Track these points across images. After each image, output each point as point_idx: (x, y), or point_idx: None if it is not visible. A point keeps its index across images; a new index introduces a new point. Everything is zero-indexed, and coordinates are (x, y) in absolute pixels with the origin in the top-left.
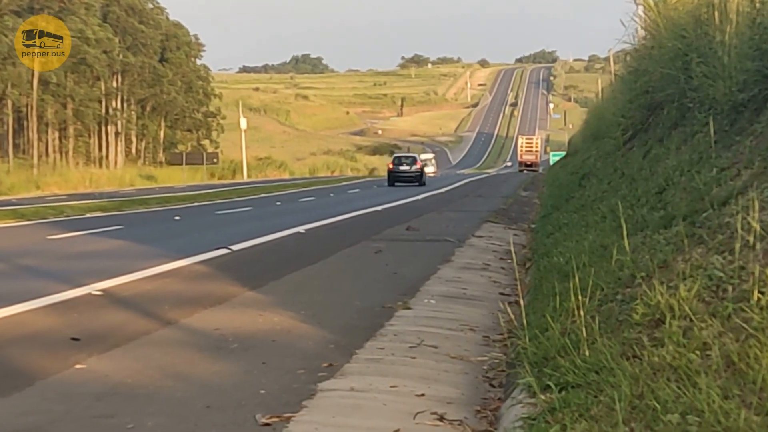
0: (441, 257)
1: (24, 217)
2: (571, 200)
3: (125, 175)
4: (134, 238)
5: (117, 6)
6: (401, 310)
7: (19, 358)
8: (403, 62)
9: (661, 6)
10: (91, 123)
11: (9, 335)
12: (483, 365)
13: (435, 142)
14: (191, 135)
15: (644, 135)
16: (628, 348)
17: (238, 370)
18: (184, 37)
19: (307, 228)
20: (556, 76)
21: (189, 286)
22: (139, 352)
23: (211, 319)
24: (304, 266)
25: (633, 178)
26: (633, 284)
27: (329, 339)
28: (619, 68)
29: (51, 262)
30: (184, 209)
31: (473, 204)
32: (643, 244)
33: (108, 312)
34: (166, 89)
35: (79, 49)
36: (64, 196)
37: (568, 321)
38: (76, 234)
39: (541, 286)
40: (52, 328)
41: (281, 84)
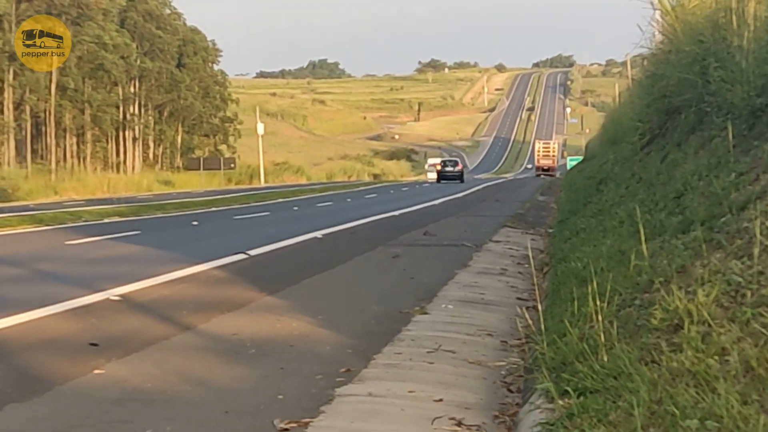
0: (458, 262)
1: (42, 222)
2: (588, 205)
3: (143, 180)
4: (152, 243)
5: (134, 12)
6: (419, 315)
7: (38, 363)
8: (420, 67)
9: (678, 10)
10: (108, 128)
11: (28, 340)
12: (501, 370)
13: (452, 146)
14: (208, 140)
15: (662, 140)
16: (646, 353)
17: (256, 375)
18: (201, 43)
19: (325, 233)
20: (573, 81)
21: (207, 291)
22: (157, 357)
23: (229, 324)
24: (321, 271)
25: (651, 183)
26: (651, 289)
27: (347, 344)
28: (637, 73)
29: (69, 267)
30: (202, 214)
31: (491, 208)
32: (662, 248)
33: (126, 317)
34: (183, 94)
35: (97, 54)
36: (82, 202)
37: (587, 326)
38: (95, 239)
39: (559, 291)
40: (70, 334)
41: (298, 89)
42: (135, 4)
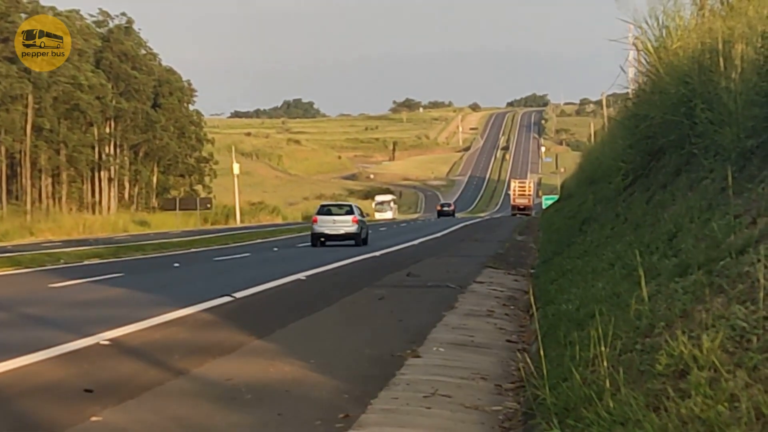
0: (444, 304)
1: (21, 264)
2: (572, 246)
3: (118, 220)
4: (136, 286)
5: (110, 52)
6: (411, 358)
7: (34, 411)
8: (394, 106)
9: (661, 51)
10: (84, 169)
11: (21, 387)
12: (498, 415)
13: (427, 186)
14: (184, 180)
15: (646, 180)
16: (653, 399)
17: (255, 422)
18: (177, 83)
19: (308, 275)
20: (548, 120)
21: (197, 334)
22: (153, 404)
23: (222, 369)
24: (308, 314)
25: (637, 224)
26: (652, 334)
27: (342, 388)
28: (613, 112)
29: (55, 311)
30: (182, 256)
31: (471, 249)
32: (659, 292)
33: (118, 362)
34: (159, 135)
35: (72, 95)
36: (59, 243)
37: (588, 370)
38: (77, 282)
39: (552, 334)
40: (63, 379)
41: (273, 128)
42: (110, 45)
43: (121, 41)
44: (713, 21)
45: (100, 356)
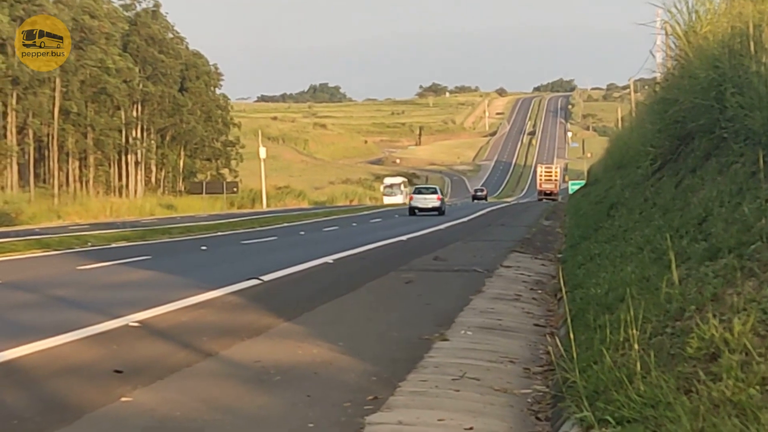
0: (472, 288)
1: (49, 246)
2: (600, 230)
3: (145, 204)
4: (164, 269)
5: (137, 36)
6: (439, 341)
7: (66, 391)
8: (421, 91)
9: (690, 36)
10: (111, 152)
11: (53, 368)
12: (527, 398)
13: (453, 170)
14: (210, 164)
15: (674, 165)
16: (683, 382)
17: (284, 403)
18: (204, 67)
19: (335, 258)
20: (575, 105)
21: (224, 317)
22: (182, 385)
23: (250, 351)
24: (336, 297)
25: (666, 209)
26: (683, 317)
27: (371, 371)
28: (641, 96)
29: (84, 293)
30: (209, 239)
31: (497, 233)
32: (689, 276)
33: (147, 344)
34: (185, 118)
35: (100, 78)
36: (86, 226)
37: (618, 354)
38: (106, 264)
39: (582, 318)
40: (94, 361)
41: (299, 113)
42: (138, 29)
43: (148, 25)
44: (743, 5)
45: (129, 338)
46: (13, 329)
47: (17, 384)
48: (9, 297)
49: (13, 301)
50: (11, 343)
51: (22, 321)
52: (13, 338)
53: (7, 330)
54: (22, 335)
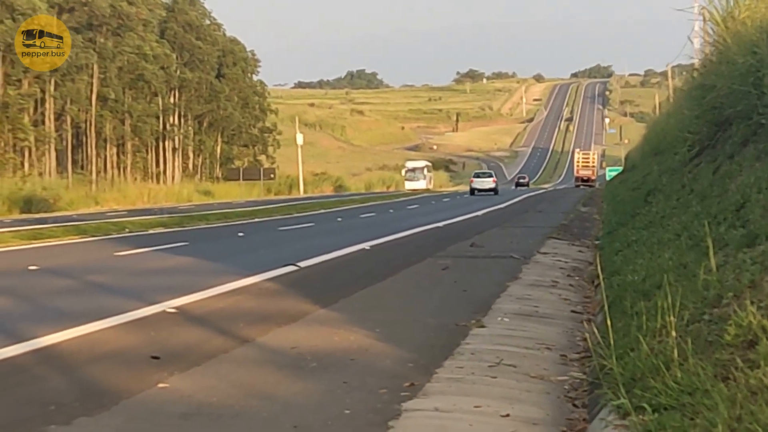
0: (508, 274)
1: (87, 233)
2: (637, 216)
3: (182, 190)
4: (201, 255)
5: (174, 22)
6: (475, 328)
7: (102, 377)
8: (458, 77)
9: (729, 21)
10: (148, 139)
11: (90, 353)
12: (564, 384)
13: (490, 157)
14: (248, 150)
15: (712, 151)
16: (721, 369)
17: (321, 390)
18: (241, 53)
19: (372, 244)
20: (612, 91)
21: (261, 303)
22: (219, 371)
23: (287, 337)
24: (373, 283)
25: (704, 195)
26: (720, 304)
27: (407, 358)
28: (679, 82)
29: (122, 279)
30: (246, 225)
31: (534, 219)
32: (726, 263)
33: (184, 330)
34: (222, 105)
35: (137, 65)
36: (123, 212)
37: (655, 341)
38: (143, 250)
39: (619, 305)
40: (131, 346)
41: (336, 99)
42: (175, 15)
43: (185, 11)
44: None
45: (166, 324)
46: (52, 315)
47: (55, 369)
48: (47, 283)
49: (52, 287)
50: (50, 328)
51: (61, 307)
52: (51, 324)
53: (46, 316)
54: (60, 321)
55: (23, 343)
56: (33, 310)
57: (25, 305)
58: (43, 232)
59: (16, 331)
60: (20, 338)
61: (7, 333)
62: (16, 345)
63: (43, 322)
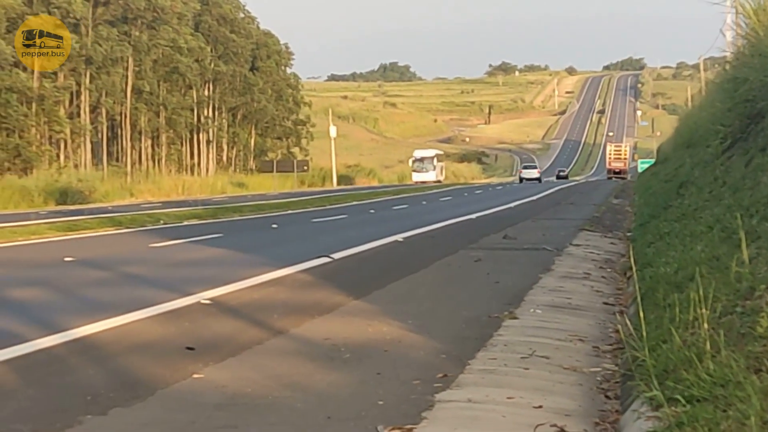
0: (541, 266)
1: (122, 224)
2: (669, 209)
3: (217, 182)
4: (235, 247)
5: (209, 15)
6: (508, 320)
7: (138, 368)
8: (490, 70)
9: (761, 14)
10: (183, 131)
11: (126, 344)
12: (596, 376)
13: (522, 149)
14: (281, 143)
15: (745, 144)
16: (754, 361)
17: (354, 381)
18: (275, 46)
19: (405, 236)
20: (644, 84)
21: (295, 294)
22: (253, 362)
23: (320, 329)
24: (406, 275)
25: (736, 188)
26: (753, 296)
27: (440, 349)
28: (711, 75)
29: (156, 270)
30: (280, 217)
31: (566, 212)
32: (759, 255)
33: (218, 321)
34: (256, 98)
35: (172, 58)
36: (158, 204)
37: (687, 333)
38: (177, 242)
39: (651, 296)
40: (166, 337)
41: (369, 92)
42: (209, 8)
43: (219, 4)
44: None
45: (200, 315)
46: (87, 306)
47: (92, 360)
48: (83, 274)
49: (87, 279)
50: (86, 319)
51: (96, 298)
52: (87, 315)
53: (82, 306)
54: (96, 312)
55: (60, 333)
56: (69, 301)
57: (61, 296)
58: (78, 223)
59: (52, 321)
60: (57, 329)
61: (44, 324)
62: (52, 335)
63: (79, 313)
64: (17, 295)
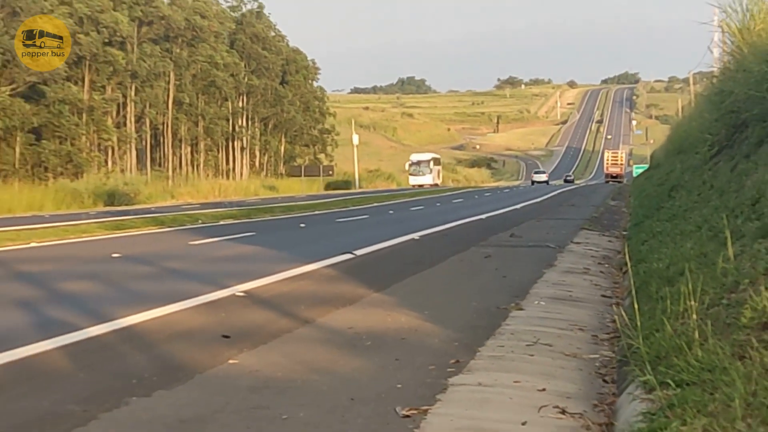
0: (544, 262)
1: (164, 223)
2: (661, 210)
3: (250, 185)
4: (266, 244)
5: (243, 34)
6: (514, 311)
7: (179, 354)
8: (498, 83)
9: (745, 33)
10: (219, 139)
11: (167, 332)
12: (595, 362)
13: (527, 155)
14: (308, 150)
15: (730, 151)
16: (738, 349)
17: (375, 366)
18: (302, 62)
19: (421, 235)
20: (638, 96)
21: (321, 287)
22: (283, 349)
23: (344, 319)
24: (422, 270)
25: (722, 191)
26: (737, 290)
27: (453, 337)
28: (699, 88)
29: (196, 265)
30: (307, 217)
31: (567, 212)
32: (743, 252)
33: (252, 311)
34: (286, 109)
35: (209, 72)
36: (196, 205)
37: (678, 323)
38: (214, 240)
39: (645, 290)
40: (204, 326)
41: (388, 103)
42: (243, 28)
43: (252, 24)
44: None
45: (235, 306)
46: (133, 298)
47: (137, 347)
48: (129, 269)
49: (133, 273)
50: (131, 310)
51: (140, 290)
52: (132, 306)
53: (128, 298)
54: (140, 303)
55: (108, 323)
56: (116, 294)
57: (109, 289)
58: (124, 223)
59: (101, 312)
60: (105, 318)
61: (93, 314)
62: (101, 324)
63: (126, 304)
64: (70, 288)
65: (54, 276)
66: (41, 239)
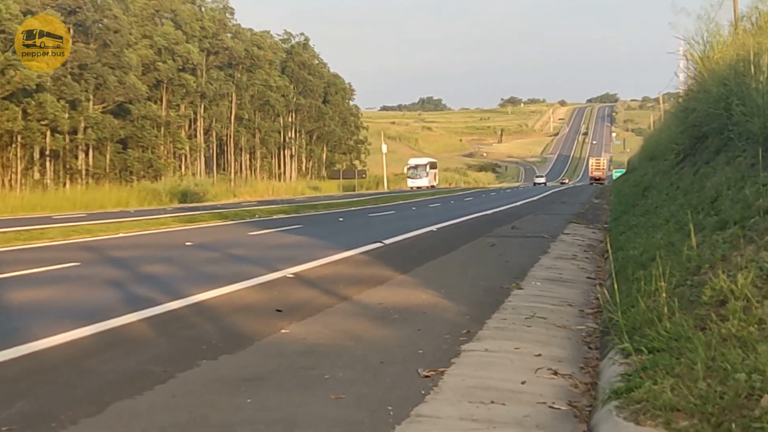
0: (540, 249)
1: (227, 218)
2: (636, 207)
3: (297, 186)
4: (312, 235)
5: (292, 62)
6: (515, 290)
7: (241, 325)
8: (502, 102)
9: (705, 60)
10: (272, 148)
11: (231, 307)
12: (581, 332)
13: (525, 161)
14: (345, 157)
15: (693, 158)
16: (699, 322)
17: (401, 335)
18: (341, 85)
19: (438, 227)
20: (617, 113)
21: (356, 270)
22: (326, 320)
23: (375, 296)
24: (439, 256)
25: (687, 191)
26: (699, 273)
27: (464, 312)
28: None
29: (254, 252)
30: (344, 212)
31: (559, 209)
32: (704, 242)
33: (299, 290)
34: (327, 123)
35: (264, 93)
36: (254, 202)
37: (650, 300)
38: (268, 231)
39: (622, 273)
40: (260, 302)
41: (411, 119)
42: (292, 56)
43: (300, 54)
44: (746, 37)
45: (286, 286)
46: (202, 278)
47: (206, 319)
48: (199, 255)
49: (202, 258)
50: (201, 288)
51: (209, 272)
52: (202, 285)
53: (198, 279)
54: (208, 283)
55: (182, 299)
56: (189, 275)
57: (183, 271)
58: (195, 217)
59: (177, 290)
60: (180, 295)
61: (171, 292)
62: (177, 300)
63: (196, 284)
64: (151, 270)
65: (138, 260)
66: (128, 230)
